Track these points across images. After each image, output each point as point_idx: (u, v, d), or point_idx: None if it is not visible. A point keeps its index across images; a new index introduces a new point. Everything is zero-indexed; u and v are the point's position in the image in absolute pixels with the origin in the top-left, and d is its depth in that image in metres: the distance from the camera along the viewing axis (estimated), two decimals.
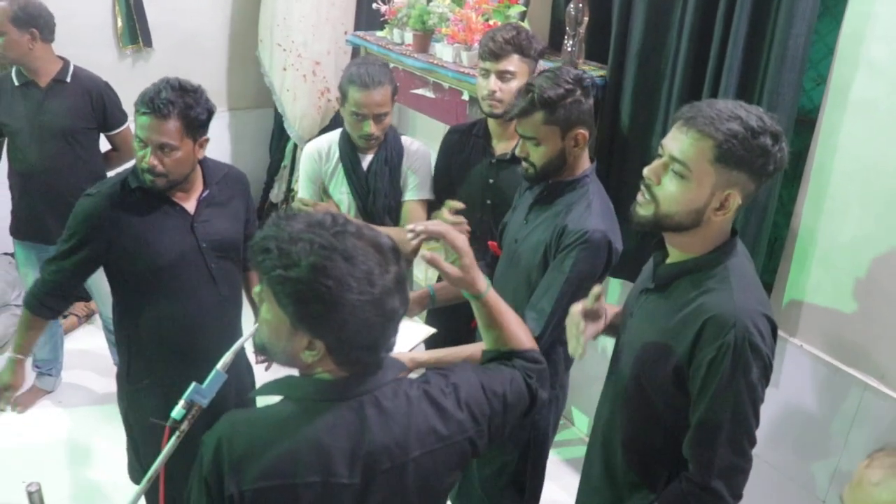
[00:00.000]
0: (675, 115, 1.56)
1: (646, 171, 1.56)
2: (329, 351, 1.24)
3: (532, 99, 2.00)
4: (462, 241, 1.49)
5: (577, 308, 1.75)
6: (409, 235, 1.49)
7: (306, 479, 1.23)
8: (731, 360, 1.48)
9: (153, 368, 2.30)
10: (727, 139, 1.44)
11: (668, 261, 1.66)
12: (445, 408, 1.35)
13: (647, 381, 1.66)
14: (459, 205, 2.33)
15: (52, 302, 2.30)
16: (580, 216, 2.03)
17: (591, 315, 1.77)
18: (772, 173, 1.49)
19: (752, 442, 1.56)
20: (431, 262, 1.44)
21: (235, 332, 2.39)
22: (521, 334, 1.56)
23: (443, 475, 1.36)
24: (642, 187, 1.57)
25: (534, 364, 1.53)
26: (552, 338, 2.08)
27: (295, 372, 1.34)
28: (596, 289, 1.74)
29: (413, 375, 1.49)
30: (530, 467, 2.38)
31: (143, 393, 2.32)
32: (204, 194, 2.26)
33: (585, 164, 2.13)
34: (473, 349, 2.15)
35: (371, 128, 2.49)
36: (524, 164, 2.13)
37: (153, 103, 2.03)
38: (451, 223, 2.34)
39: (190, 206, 2.24)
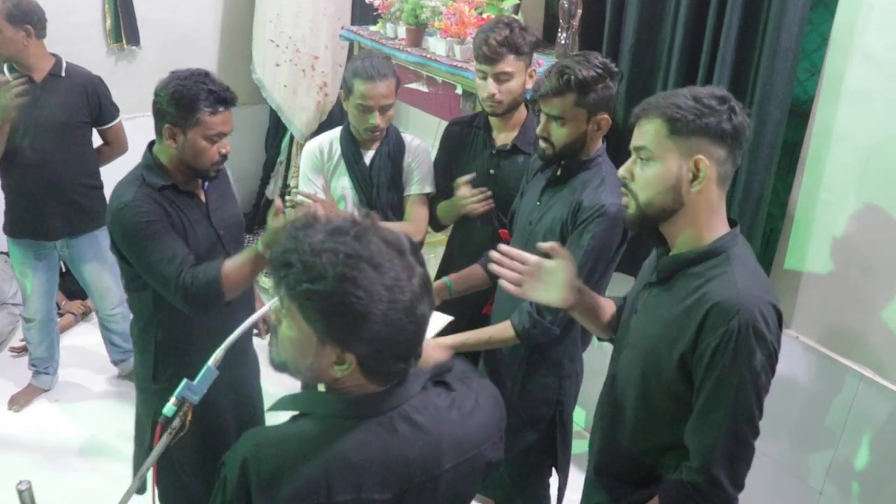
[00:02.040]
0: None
1: (620, 171, 1.64)
2: (360, 364, 1.19)
3: (568, 80, 2.03)
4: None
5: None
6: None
7: (338, 499, 1.18)
8: (734, 346, 1.47)
9: (182, 363, 2.20)
10: (674, 110, 1.52)
11: (671, 253, 1.66)
12: (473, 415, 1.32)
13: (652, 374, 1.66)
14: (468, 177, 2.46)
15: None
16: (595, 192, 2.09)
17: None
18: (733, 134, 1.52)
19: (755, 432, 1.55)
20: None
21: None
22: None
23: (471, 483, 1.34)
24: (623, 190, 1.64)
25: None
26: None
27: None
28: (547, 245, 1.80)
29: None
30: (559, 443, 2.40)
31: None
32: (205, 184, 2.28)
33: (598, 144, 2.18)
34: (494, 331, 2.22)
35: (377, 119, 2.52)
36: (542, 143, 2.15)
37: (222, 96, 2.14)
38: (474, 199, 2.47)
39: (201, 196, 2.27)
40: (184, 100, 2.08)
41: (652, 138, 1.56)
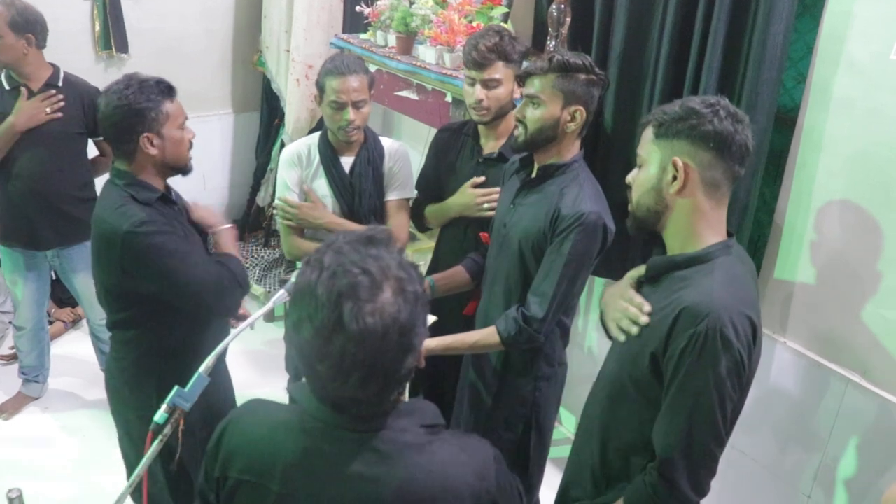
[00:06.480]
0: None
1: (627, 178, 1.71)
2: None
3: (551, 59, 2.07)
4: None
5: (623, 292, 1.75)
6: None
7: (270, 485, 1.25)
8: (699, 350, 1.48)
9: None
10: (661, 116, 1.61)
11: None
12: (445, 467, 1.23)
13: (629, 372, 1.67)
14: (478, 180, 2.53)
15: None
16: (574, 200, 2.09)
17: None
18: (716, 138, 1.54)
19: (718, 438, 1.54)
20: None
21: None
22: None
23: None
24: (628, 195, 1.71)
25: None
26: (555, 319, 2.16)
27: None
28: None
29: None
30: (533, 446, 2.39)
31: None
32: (171, 192, 2.28)
33: (575, 149, 2.19)
34: (480, 336, 2.23)
35: (351, 114, 2.48)
36: (517, 130, 2.17)
37: (165, 85, 2.17)
38: (483, 200, 2.50)
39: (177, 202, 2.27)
40: (144, 104, 2.09)
41: (642, 144, 1.65)
